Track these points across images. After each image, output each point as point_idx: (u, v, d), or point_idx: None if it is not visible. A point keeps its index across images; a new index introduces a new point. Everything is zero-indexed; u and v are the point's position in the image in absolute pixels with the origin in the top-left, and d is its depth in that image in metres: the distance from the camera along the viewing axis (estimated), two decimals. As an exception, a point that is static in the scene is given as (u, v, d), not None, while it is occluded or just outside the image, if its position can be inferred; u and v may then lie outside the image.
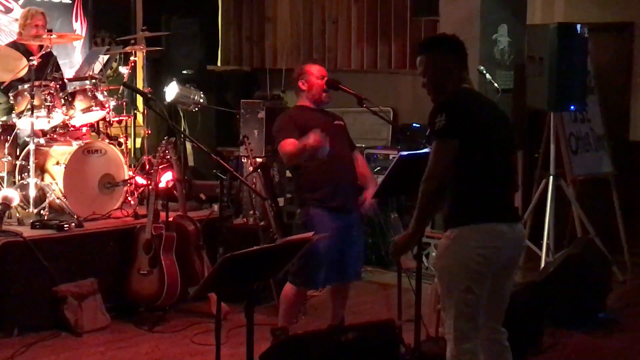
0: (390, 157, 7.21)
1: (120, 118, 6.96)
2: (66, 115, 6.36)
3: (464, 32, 7.24)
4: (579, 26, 6.94)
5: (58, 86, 6.37)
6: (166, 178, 6.36)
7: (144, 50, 7.33)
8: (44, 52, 6.46)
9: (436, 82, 4.08)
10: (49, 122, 6.29)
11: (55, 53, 6.73)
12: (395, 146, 7.58)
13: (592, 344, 5.62)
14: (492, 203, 3.87)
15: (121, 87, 6.94)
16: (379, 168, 7.47)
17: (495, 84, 6.64)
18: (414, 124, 7.36)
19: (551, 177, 6.94)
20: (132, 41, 7.21)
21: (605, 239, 7.03)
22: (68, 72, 7.37)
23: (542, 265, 6.62)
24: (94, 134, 6.78)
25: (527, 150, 7.63)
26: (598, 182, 7.47)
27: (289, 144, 4.98)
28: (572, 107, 7.01)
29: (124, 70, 7.19)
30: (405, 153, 4.92)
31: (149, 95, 5.01)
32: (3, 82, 6.44)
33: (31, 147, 6.09)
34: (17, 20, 7.02)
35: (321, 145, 4.86)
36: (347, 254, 5.15)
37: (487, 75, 6.73)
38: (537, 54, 6.93)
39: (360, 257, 5.35)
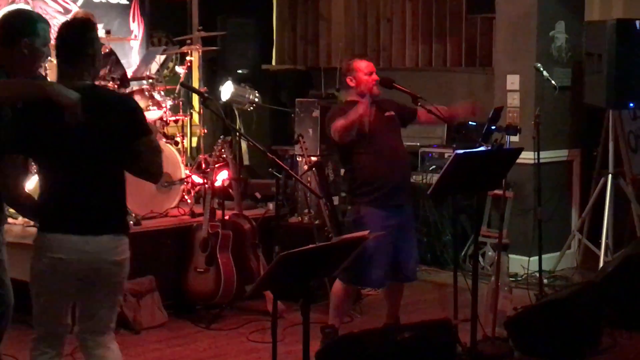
0: (446, 155, 7.17)
1: (177, 117, 7.03)
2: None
3: (521, 29, 7.24)
4: (638, 22, 6.84)
5: (117, 86, 6.44)
6: (222, 177, 6.41)
7: (200, 50, 7.40)
8: (104, 53, 6.54)
9: None
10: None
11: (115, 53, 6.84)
12: (451, 145, 7.53)
13: (653, 345, 5.53)
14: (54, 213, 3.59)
15: (178, 87, 7.01)
16: (434, 167, 7.44)
17: (553, 81, 6.56)
18: (470, 122, 7.27)
19: (610, 176, 6.86)
20: (189, 41, 7.28)
21: (665, 238, 6.91)
22: (128, 72, 7.45)
23: (601, 265, 6.54)
24: (150, 133, 6.84)
25: (585, 149, 7.53)
26: (658, 181, 7.34)
27: (338, 122, 4.97)
28: (631, 105, 6.92)
29: (180, 70, 7.25)
30: (461, 151, 4.87)
31: (206, 95, 5.04)
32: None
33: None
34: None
35: (367, 113, 4.89)
36: (400, 253, 5.13)
37: (544, 73, 6.66)
38: (595, 51, 6.85)
39: (414, 256, 5.33)
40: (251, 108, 7.36)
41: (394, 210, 5.07)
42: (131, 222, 5.94)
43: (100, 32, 7.01)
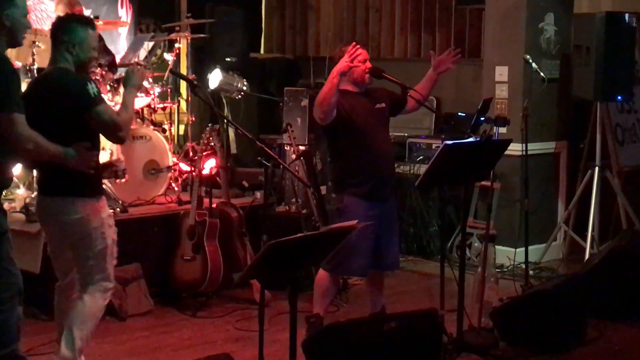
0: (434, 146, 7.17)
1: (165, 105, 7.00)
2: (112, 101, 6.41)
3: (510, 21, 7.24)
4: (627, 15, 6.86)
5: (104, 72, 6.41)
6: (210, 165, 6.39)
7: (189, 38, 7.37)
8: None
9: None
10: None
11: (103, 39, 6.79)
12: (439, 135, 7.53)
13: (637, 335, 5.56)
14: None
15: (166, 74, 6.98)
16: (421, 157, 7.45)
17: (541, 73, 6.59)
18: (459, 113, 7.31)
19: (597, 168, 6.88)
20: (177, 28, 7.24)
21: (651, 231, 6.95)
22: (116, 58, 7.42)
23: (587, 257, 6.56)
24: (138, 120, 6.82)
25: (572, 141, 7.56)
26: (644, 174, 7.37)
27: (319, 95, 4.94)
28: (618, 98, 6.94)
29: (168, 57, 7.22)
30: (449, 142, 4.87)
31: (195, 82, 5.02)
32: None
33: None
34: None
35: (350, 66, 4.86)
36: (383, 243, 5.13)
37: (533, 65, 6.68)
38: (584, 44, 6.88)
39: (396, 246, 5.34)
40: (239, 96, 7.33)
41: (378, 202, 5.08)
42: (117, 209, 5.94)
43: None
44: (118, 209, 5.95)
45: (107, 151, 6.01)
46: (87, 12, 7.18)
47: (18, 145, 3.75)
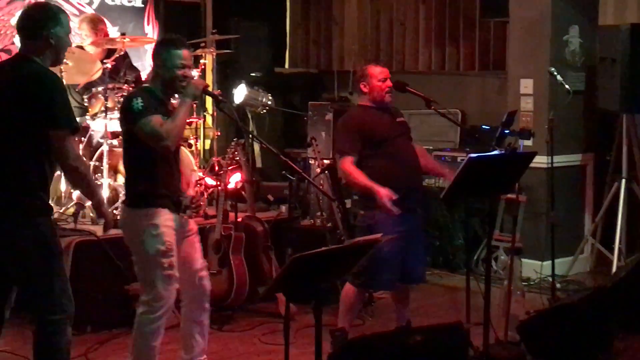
0: (459, 159, 7.15)
1: (191, 120, 7.03)
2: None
3: (534, 33, 7.23)
4: (652, 27, 6.82)
5: (131, 88, 6.46)
6: (235, 179, 6.43)
7: (214, 53, 7.42)
8: (118, 56, 6.58)
9: None
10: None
11: (129, 56, 6.87)
12: (464, 148, 7.52)
13: (666, 350, 5.51)
14: None
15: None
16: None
17: (566, 86, 6.55)
18: (484, 126, 7.30)
19: (623, 181, 6.84)
20: (202, 44, 7.29)
21: (679, 243, 6.89)
22: (142, 75, 7.47)
23: (614, 269, 6.52)
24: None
25: (598, 153, 7.52)
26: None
27: (354, 171, 5.02)
28: (645, 109, 6.89)
29: (194, 73, 7.26)
30: (474, 155, 4.86)
31: (220, 98, 5.06)
32: (78, 85, 6.57)
33: (104, 148, 6.21)
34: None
35: (388, 211, 4.90)
36: (410, 257, 5.13)
37: (558, 77, 6.65)
38: (609, 55, 6.83)
39: (423, 259, 5.34)
40: (264, 111, 7.37)
41: (406, 215, 5.07)
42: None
43: (115, 34, 7.05)
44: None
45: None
46: (114, 29, 7.29)
47: (69, 165, 3.84)
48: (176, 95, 4.69)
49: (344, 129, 5.18)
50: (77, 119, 6.46)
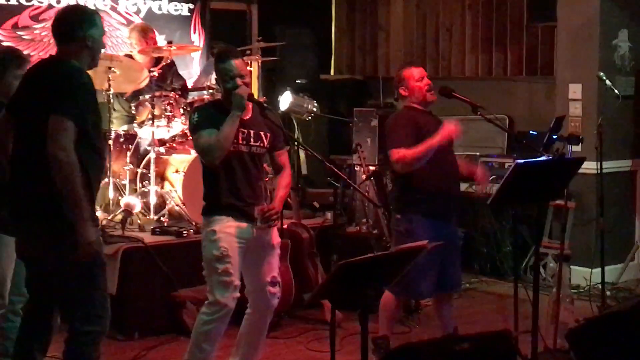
0: (506, 165, 7.10)
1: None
2: (185, 124, 6.54)
3: (583, 38, 7.16)
4: None
5: (177, 96, 6.52)
6: (281, 186, 6.43)
7: (259, 61, 7.46)
8: (164, 64, 6.64)
9: None
10: (168, 131, 6.46)
11: (176, 64, 6.94)
12: (511, 154, 7.47)
13: None
14: None
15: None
16: (494, 177, 7.36)
17: (616, 90, 6.47)
18: (531, 132, 7.23)
19: (675, 186, 6.74)
20: (248, 51, 7.34)
21: None
22: (188, 83, 7.54)
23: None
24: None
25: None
26: None
27: (409, 150, 4.87)
28: (696, 114, 6.79)
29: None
30: (521, 161, 4.83)
31: (265, 105, 5.09)
32: (125, 93, 6.65)
33: (152, 155, 6.28)
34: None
35: (456, 133, 4.86)
36: (447, 264, 5.09)
37: (607, 82, 6.56)
38: (660, 59, 6.75)
39: (458, 267, 5.26)
40: (309, 118, 7.39)
41: (443, 222, 5.05)
42: (191, 231, 6.02)
43: (162, 43, 7.12)
44: (191, 230, 6.04)
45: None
46: (160, 38, 7.35)
47: (52, 150, 3.63)
48: None
49: (397, 124, 5.07)
50: (125, 127, 6.62)
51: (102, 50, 4.05)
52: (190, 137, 4.97)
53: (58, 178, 3.64)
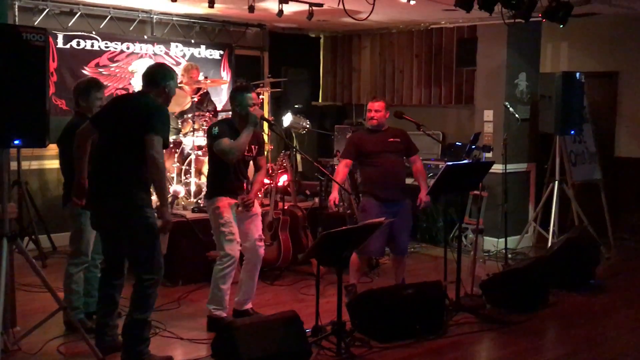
0: (440, 166, 7.11)
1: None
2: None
3: (494, 78, 7.17)
4: (578, 74, 6.74)
5: (211, 115, 6.51)
6: (283, 179, 6.42)
7: (269, 91, 7.43)
8: (202, 93, 6.61)
9: None
10: (204, 140, 6.42)
11: (210, 93, 6.89)
12: (444, 158, 7.48)
13: (584, 301, 5.44)
14: None
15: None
16: (431, 175, 7.38)
17: (517, 115, 6.49)
18: (457, 143, 7.23)
19: (556, 182, 6.75)
20: (261, 85, 7.32)
21: (595, 227, 6.79)
22: (218, 106, 7.52)
23: (549, 245, 6.44)
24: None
25: (539, 163, 7.43)
26: (590, 186, 7.21)
27: (339, 170, 5.15)
28: (572, 132, 6.81)
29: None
30: (451, 163, 4.86)
31: (272, 122, 5.07)
32: (174, 112, 6.61)
33: (192, 157, 6.24)
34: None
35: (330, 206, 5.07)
36: (396, 234, 5.08)
37: (511, 109, 6.59)
38: (547, 94, 6.75)
39: (405, 236, 5.21)
40: (304, 132, 7.36)
41: (389, 203, 5.03)
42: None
43: (201, 78, 7.07)
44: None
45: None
46: (200, 74, 7.30)
47: (152, 155, 3.66)
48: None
49: (346, 142, 5.23)
50: (173, 137, 6.58)
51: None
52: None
53: (155, 174, 3.68)
